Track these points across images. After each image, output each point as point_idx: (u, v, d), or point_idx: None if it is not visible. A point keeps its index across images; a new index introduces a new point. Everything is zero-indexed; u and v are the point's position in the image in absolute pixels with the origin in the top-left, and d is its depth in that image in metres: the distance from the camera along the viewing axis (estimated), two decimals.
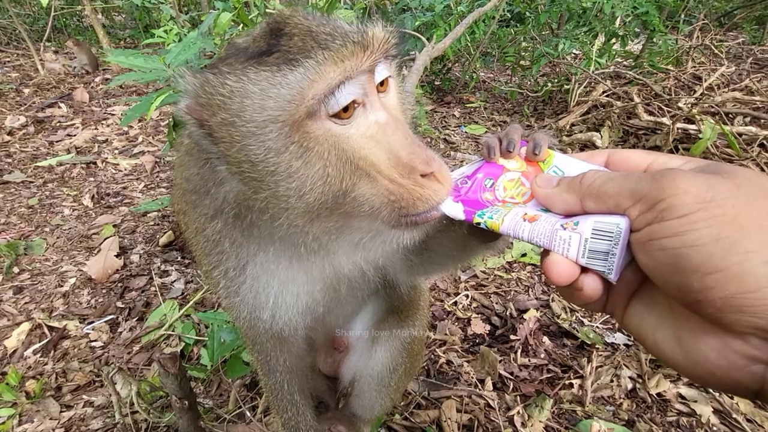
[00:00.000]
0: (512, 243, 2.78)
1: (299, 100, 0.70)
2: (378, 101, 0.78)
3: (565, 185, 0.65)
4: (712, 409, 1.89)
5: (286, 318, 1.08)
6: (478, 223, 0.72)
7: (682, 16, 5.96)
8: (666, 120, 3.92)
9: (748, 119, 3.89)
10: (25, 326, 2.37)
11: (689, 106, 3.99)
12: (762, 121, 3.82)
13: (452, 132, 4.77)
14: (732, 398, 1.93)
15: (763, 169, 3.23)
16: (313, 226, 0.83)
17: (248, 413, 1.85)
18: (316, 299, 1.09)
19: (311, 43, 0.72)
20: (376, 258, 1.04)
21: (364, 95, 0.75)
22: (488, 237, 0.93)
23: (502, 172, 0.79)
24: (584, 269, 0.60)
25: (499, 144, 0.80)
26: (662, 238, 0.51)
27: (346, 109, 0.73)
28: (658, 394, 1.98)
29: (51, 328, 2.38)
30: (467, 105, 5.53)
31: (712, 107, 3.89)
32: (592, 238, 0.58)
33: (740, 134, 3.59)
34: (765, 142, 3.59)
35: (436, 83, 5.88)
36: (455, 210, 0.76)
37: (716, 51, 4.85)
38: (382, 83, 0.81)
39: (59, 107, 5.28)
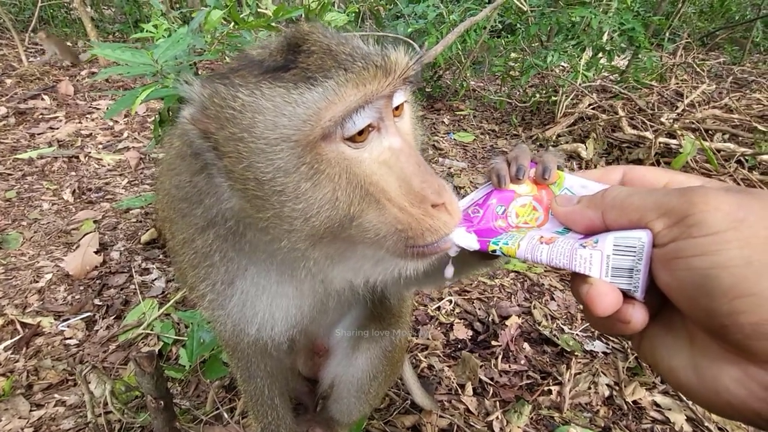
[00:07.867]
0: None
1: (315, 121, 0.68)
2: (393, 126, 0.76)
3: (586, 201, 0.64)
4: (686, 417, 1.93)
5: (273, 333, 1.06)
6: (494, 251, 0.70)
7: (667, 34, 6.13)
8: (649, 134, 4.03)
9: (726, 136, 4.02)
10: None
11: (671, 121, 4.11)
12: (740, 138, 3.95)
13: (441, 138, 4.81)
14: None
15: (739, 185, 3.33)
16: (315, 251, 0.80)
17: (225, 415, 1.82)
18: (303, 312, 1.07)
19: (331, 62, 0.70)
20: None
21: (380, 119, 0.74)
22: (488, 255, 0.90)
23: (514, 198, 0.77)
24: (625, 299, 0.57)
25: (508, 170, 0.79)
26: (689, 257, 0.48)
27: (361, 132, 0.72)
28: (634, 402, 2.02)
29: (24, 325, 2.31)
30: (457, 112, 5.58)
31: (693, 123, 4.01)
32: (614, 254, 0.56)
33: (719, 150, 3.71)
34: (742, 158, 3.71)
35: (427, 90, 5.93)
36: (469, 241, 0.74)
37: (698, 69, 5.01)
38: (397, 107, 0.79)
39: (42, 99, 5.16)
